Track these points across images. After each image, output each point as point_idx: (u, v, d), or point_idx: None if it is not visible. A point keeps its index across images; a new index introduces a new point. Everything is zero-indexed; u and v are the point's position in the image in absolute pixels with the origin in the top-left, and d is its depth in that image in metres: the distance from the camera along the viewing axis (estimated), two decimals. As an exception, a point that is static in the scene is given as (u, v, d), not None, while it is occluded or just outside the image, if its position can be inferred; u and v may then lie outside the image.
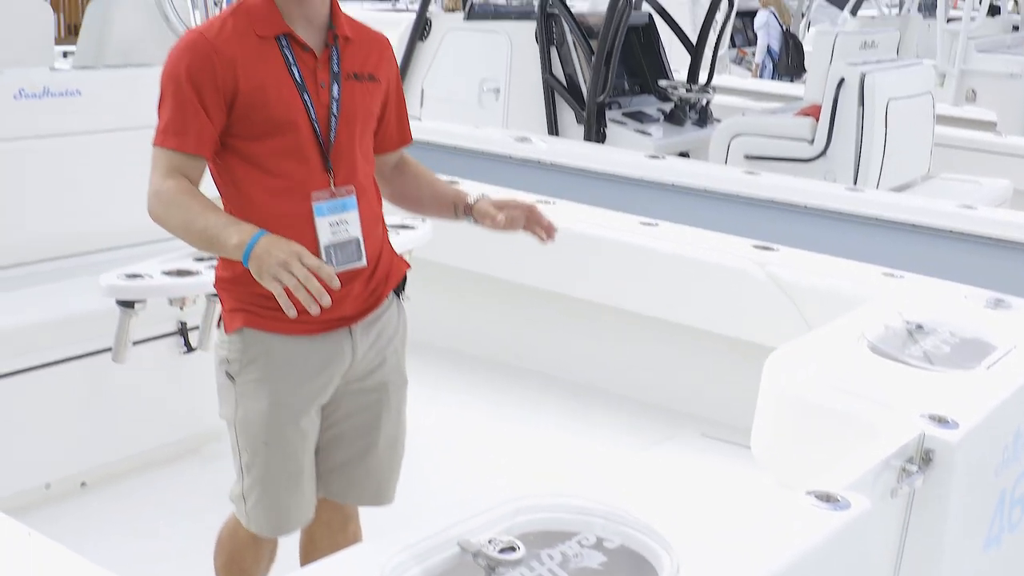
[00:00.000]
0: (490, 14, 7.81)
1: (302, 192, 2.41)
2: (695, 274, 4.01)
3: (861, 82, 6.50)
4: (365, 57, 2.54)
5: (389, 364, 2.62)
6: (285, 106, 2.39)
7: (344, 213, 2.45)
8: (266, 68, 2.39)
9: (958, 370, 2.76)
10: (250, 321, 2.45)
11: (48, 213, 3.89)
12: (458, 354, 4.63)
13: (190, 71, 2.34)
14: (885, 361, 2.78)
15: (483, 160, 5.87)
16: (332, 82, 2.46)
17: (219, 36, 2.38)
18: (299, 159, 2.41)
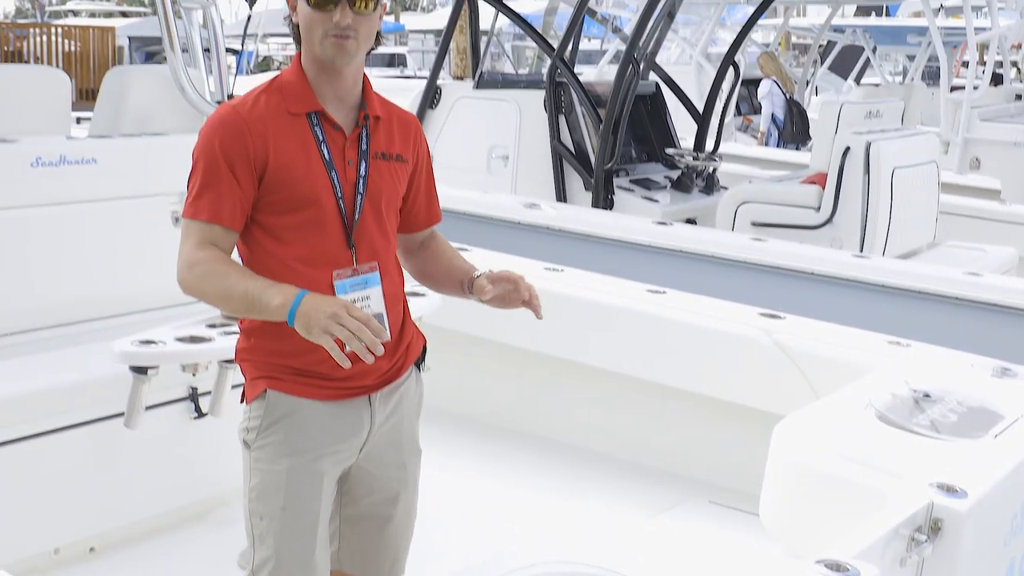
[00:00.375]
0: (500, 83, 7.91)
1: (324, 267, 2.44)
2: (703, 342, 4.03)
3: (867, 151, 6.55)
4: (394, 137, 2.57)
5: (407, 438, 2.65)
6: (312, 183, 2.42)
7: (366, 289, 2.48)
8: (296, 145, 2.43)
9: (966, 439, 2.77)
10: (273, 385, 2.46)
11: (63, 279, 3.92)
12: (465, 419, 4.64)
13: (224, 145, 2.39)
14: (893, 430, 2.79)
15: (492, 226, 5.92)
16: (360, 160, 2.49)
17: (252, 112, 2.42)
18: (323, 235, 2.44)
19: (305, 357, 2.42)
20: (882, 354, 3.62)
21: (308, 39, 2.45)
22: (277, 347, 2.45)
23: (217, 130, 2.41)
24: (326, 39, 2.41)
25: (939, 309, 4.90)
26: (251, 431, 2.48)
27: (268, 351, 2.45)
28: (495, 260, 4.66)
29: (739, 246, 5.54)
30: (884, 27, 17.31)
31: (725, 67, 7.96)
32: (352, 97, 2.51)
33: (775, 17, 17.32)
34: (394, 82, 19.52)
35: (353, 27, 2.41)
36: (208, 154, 2.40)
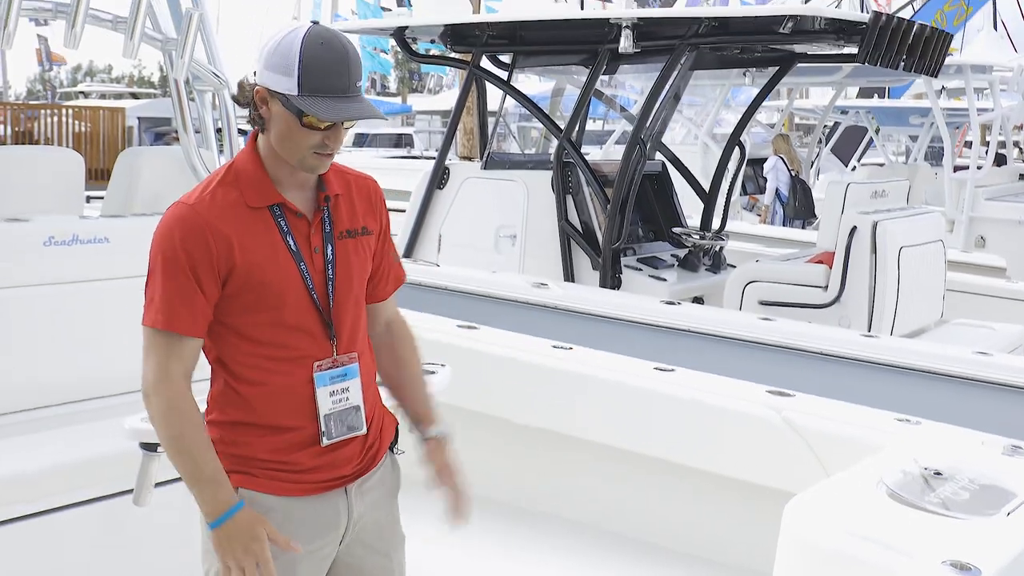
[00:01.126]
0: (507, 163, 7.97)
1: (303, 362, 2.38)
2: (712, 419, 4.02)
3: (873, 230, 6.60)
4: (356, 210, 2.51)
5: (388, 526, 2.61)
6: (283, 280, 2.35)
7: (345, 381, 2.43)
8: (262, 242, 2.34)
9: (978, 517, 2.75)
10: (245, 482, 2.39)
11: (74, 356, 3.94)
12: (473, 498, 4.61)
13: (185, 248, 2.27)
14: (905, 508, 2.77)
15: (500, 305, 5.94)
16: (326, 244, 2.42)
17: (211, 210, 2.31)
18: (300, 330, 2.38)
19: (281, 453, 2.38)
20: (892, 432, 3.61)
21: (285, 148, 2.35)
22: (250, 440, 2.39)
23: (176, 231, 2.29)
24: (309, 154, 2.34)
25: (949, 388, 4.88)
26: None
27: (240, 443, 2.39)
28: (503, 339, 4.68)
29: (747, 325, 5.54)
30: (887, 108, 17.49)
31: (731, 146, 8.03)
32: (311, 180, 2.44)
33: (779, 99, 17.52)
34: (401, 162, 19.73)
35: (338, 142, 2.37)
36: (168, 258, 2.28)
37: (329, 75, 2.29)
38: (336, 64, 2.30)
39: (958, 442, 3.41)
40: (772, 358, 5.20)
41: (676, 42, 6.85)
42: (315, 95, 2.28)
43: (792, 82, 13.69)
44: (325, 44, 2.30)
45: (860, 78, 13.70)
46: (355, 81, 2.33)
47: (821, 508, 2.78)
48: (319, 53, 2.29)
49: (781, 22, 6.38)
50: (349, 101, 2.31)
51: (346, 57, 2.32)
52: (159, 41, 4.43)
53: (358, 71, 2.35)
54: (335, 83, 2.30)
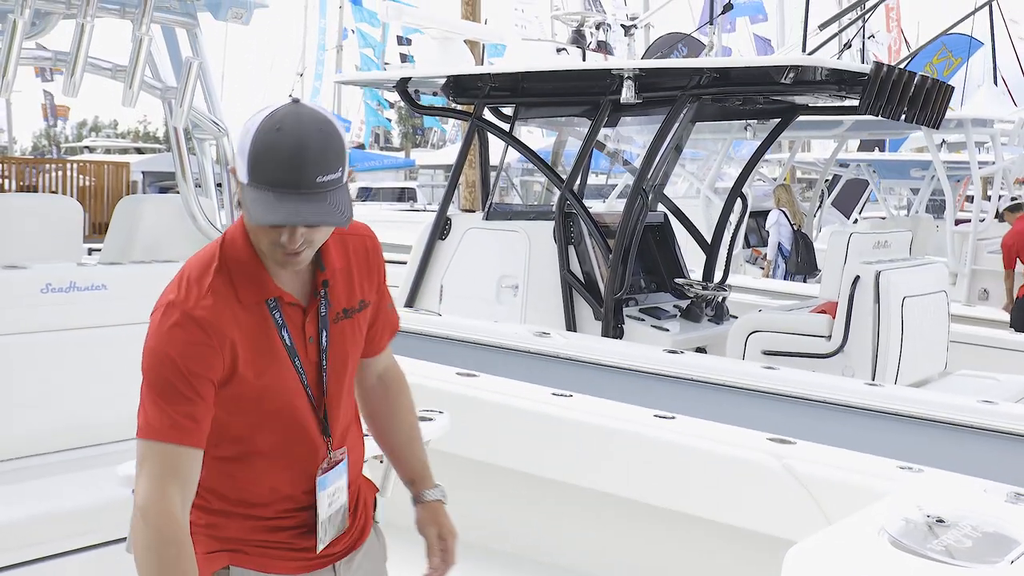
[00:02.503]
0: (509, 214, 7.98)
1: (299, 463, 2.28)
2: (712, 466, 3.98)
3: (876, 280, 6.59)
4: (354, 282, 2.35)
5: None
6: (279, 381, 2.21)
7: (339, 480, 2.34)
8: (259, 342, 2.18)
9: (982, 565, 2.71)
10: (236, 560, 2.28)
11: (70, 403, 3.93)
12: (471, 546, 4.57)
13: (184, 360, 2.09)
14: (907, 556, 2.73)
15: (502, 354, 5.91)
16: (320, 331, 2.26)
17: (208, 312, 2.12)
18: (293, 429, 2.26)
19: (274, 534, 2.31)
20: (894, 479, 3.58)
21: (255, 241, 2.17)
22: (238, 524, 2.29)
23: (173, 342, 2.10)
24: (272, 251, 2.14)
25: (953, 437, 4.84)
26: None
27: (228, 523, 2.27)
28: (503, 386, 4.65)
29: (750, 374, 5.51)
30: (888, 161, 17.57)
31: (733, 198, 8.04)
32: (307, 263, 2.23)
33: (781, 151, 17.60)
34: (406, 215, 19.80)
35: (308, 239, 2.13)
36: (164, 371, 2.10)
37: (279, 167, 2.02)
38: (290, 154, 2.02)
39: (961, 490, 3.37)
40: (775, 406, 5.16)
41: (678, 93, 6.88)
42: (261, 188, 2.04)
43: (794, 135, 13.76)
44: (283, 130, 2.04)
45: (861, 131, 13.77)
46: (316, 175, 2.03)
47: (822, 555, 2.74)
48: (272, 140, 2.03)
49: (783, 72, 6.41)
50: (300, 200, 2.03)
51: (302, 147, 2.02)
52: (158, 89, 4.45)
53: (322, 163, 2.04)
54: (286, 177, 2.02)
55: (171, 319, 2.12)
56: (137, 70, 4.17)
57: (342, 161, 2.08)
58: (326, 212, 2.04)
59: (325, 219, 2.05)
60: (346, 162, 2.10)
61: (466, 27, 9.96)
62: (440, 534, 2.63)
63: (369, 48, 32.53)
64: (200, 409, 2.12)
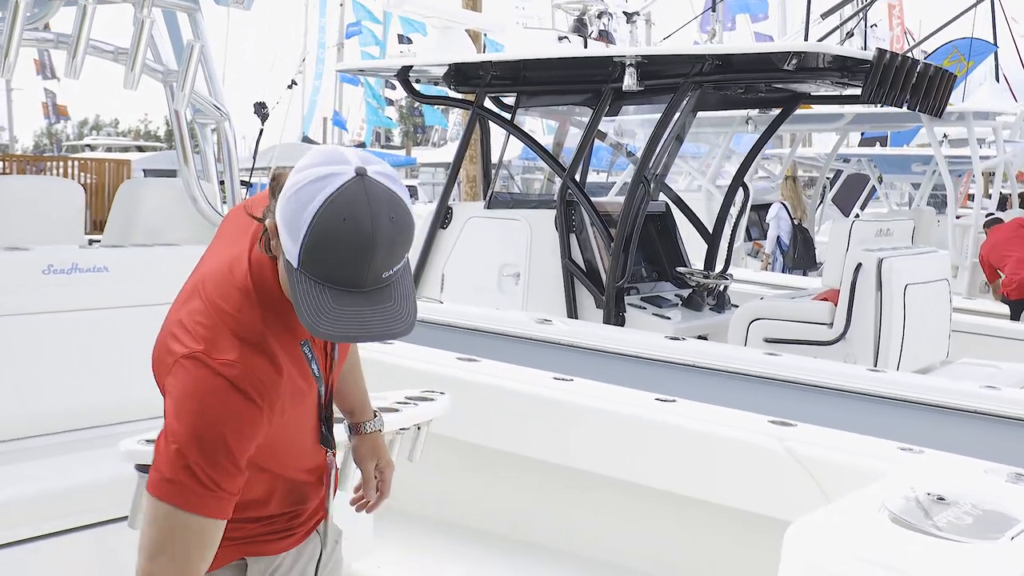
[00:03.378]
0: (510, 202, 8.00)
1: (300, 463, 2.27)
2: (712, 449, 3.98)
3: (879, 267, 6.59)
4: None
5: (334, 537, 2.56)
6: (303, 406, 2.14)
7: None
8: (294, 386, 2.06)
9: (982, 541, 2.71)
10: (251, 551, 2.27)
11: (71, 385, 3.93)
12: (471, 529, 4.58)
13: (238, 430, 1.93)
14: (907, 532, 2.73)
15: (504, 341, 5.91)
16: (333, 346, 2.22)
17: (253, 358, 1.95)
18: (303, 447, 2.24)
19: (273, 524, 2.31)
20: (895, 460, 3.57)
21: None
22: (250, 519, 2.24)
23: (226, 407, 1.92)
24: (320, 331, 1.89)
25: (955, 421, 4.84)
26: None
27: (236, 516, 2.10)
28: (503, 371, 4.65)
29: (752, 360, 5.51)
30: (889, 156, 17.54)
31: (735, 188, 8.04)
32: None
33: (783, 146, 17.58)
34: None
35: None
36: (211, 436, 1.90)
37: (343, 265, 1.78)
38: (358, 251, 1.77)
39: (961, 470, 3.37)
40: (776, 392, 5.17)
41: (680, 80, 6.88)
42: (315, 280, 1.80)
43: (795, 128, 13.75)
44: (350, 220, 1.76)
45: (864, 124, 13.75)
46: (383, 271, 1.80)
47: (822, 532, 2.74)
48: (337, 232, 1.76)
49: (785, 59, 6.40)
50: (362, 300, 1.81)
51: (373, 244, 1.76)
52: (160, 72, 4.44)
53: (392, 258, 1.80)
54: (349, 276, 1.79)
55: (218, 382, 1.92)
56: (139, 53, 4.16)
57: (409, 247, 1.86)
58: (390, 319, 1.81)
59: (390, 330, 1.82)
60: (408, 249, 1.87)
61: (467, 16, 9.95)
62: (378, 465, 2.60)
63: (374, 46, 32.52)
64: (241, 479, 1.97)
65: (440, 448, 4.16)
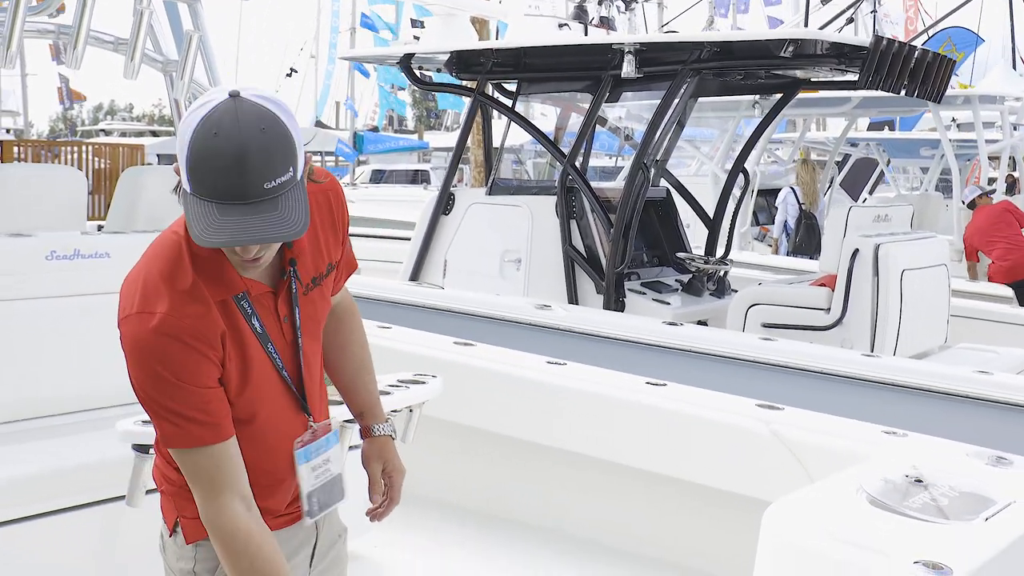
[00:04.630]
0: (512, 188, 8.05)
1: (281, 444, 2.25)
2: (700, 431, 4.04)
3: (875, 253, 6.63)
4: (321, 243, 2.26)
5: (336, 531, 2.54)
6: (249, 367, 2.14)
7: (326, 452, 2.30)
8: (233, 334, 2.11)
9: (956, 521, 2.77)
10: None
11: (72, 368, 4.01)
12: (465, 510, 4.66)
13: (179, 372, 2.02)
14: (883, 512, 2.79)
15: (503, 326, 5.98)
16: (293, 309, 2.20)
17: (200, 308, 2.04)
18: (271, 412, 2.21)
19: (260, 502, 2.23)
20: (878, 443, 3.63)
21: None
22: None
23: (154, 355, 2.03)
24: (232, 257, 2.05)
25: (947, 406, 4.88)
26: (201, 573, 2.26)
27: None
28: (497, 354, 4.72)
29: (748, 345, 5.56)
30: (897, 140, 17.52)
31: (735, 174, 8.09)
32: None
33: (795, 131, 17.56)
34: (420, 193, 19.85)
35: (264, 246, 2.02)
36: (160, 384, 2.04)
37: (217, 177, 1.88)
38: (230, 162, 1.86)
39: (943, 453, 3.43)
40: (770, 376, 5.22)
41: (679, 67, 6.92)
42: (204, 199, 1.90)
43: (801, 113, 13.74)
44: (220, 134, 1.87)
45: (871, 108, 13.75)
46: (262, 182, 1.88)
47: (800, 512, 2.80)
48: (210, 146, 1.88)
49: (782, 46, 6.44)
50: (246, 211, 1.88)
51: (243, 152, 1.86)
52: (159, 62, 4.52)
53: (268, 168, 1.89)
54: (223, 188, 1.88)
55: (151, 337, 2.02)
56: (138, 43, 4.25)
57: (292, 160, 1.93)
58: (276, 224, 1.89)
59: (273, 234, 1.90)
60: (297, 160, 1.95)
61: (470, 2, 9.99)
62: (386, 469, 2.56)
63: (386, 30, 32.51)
64: (211, 402, 2.06)
65: (435, 430, 4.23)
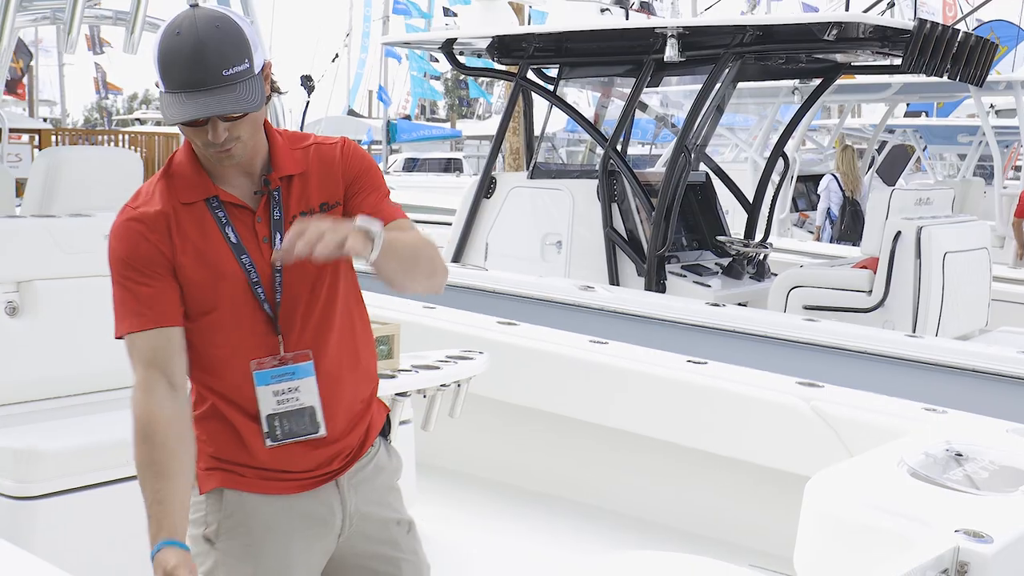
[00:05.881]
0: (553, 172, 8.11)
1: (245, 361, 2.30)
2: (741, 409, 4.10)
3: (918, 235, 6.65)
4: (312, 187, 2.33)
5: (391, 513, 2.51)
6: (220, 275, 2.25)
7: (295, 380, 2.30)
8: (199, 235, 2.25)
9: (995, 493, 2.82)
10: (228, 481, 2.34)
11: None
12: (507, 487, 4.74)
13: (128, 250, 2.23)
14: (924, 484, 2.85)
15: (547, 306, 6.06)
16: (273, 232, 2.28)
17: (148, 208, 2.25)
18: (243, 328, 2.29)
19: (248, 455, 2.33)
20: (919, 420, 3.68)
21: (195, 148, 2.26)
22: (218, 440, 2.34)
23: (120, 239, 2.26)
24: (208, 150, 2.21)
25: (985, 385, 4.91)
26: (210, 525, 2.33)
27: (220, 441, 2.34)
28: (541, 334, 4.81)
29: (790, 325, 5.59)
30: (934, 127, 17.40)
31: (774, 158, 8.11)
32: (257, 164, 2.30)
33: (831, 118, 17.49)
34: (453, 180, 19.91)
35: (233, 134, 2.18)
36: (116, 266, 2.26)
37: (181, 69, 2.12)
38: (188, 56, 2.11)
39: (982, 429, 3.48)
40: (810, 356, 5.26)
41: (721, 51, 6.96)
42: (173, 92, 2.14)
43: (842, 99, 13.70)
44: (181, 33, 2.14)
45: (911, 95, 13.68)
46: (220, 69, 2.12)
47: (842, 483, 2.87)
48: (173, 44, 2.14)
49: (825, 29, 6.46)
50: (207, 95, 2.11)
51: (201, 45, 2.11)
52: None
53: (224, 56, 2.12)
54: (187, 77, 2.12)
55: (118, 221, 2.28)
56: (138, 18, 4.35)
57: (246, 53, 2.15)
58: (231, 101, 2.11)
59: (228, 108, 2.12)
60: (252, 53, 2.16)
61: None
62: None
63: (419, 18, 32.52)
64: (155, 292, 2.22)
65: (481, 409, 4.32)
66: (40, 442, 3.50)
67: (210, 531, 2.32)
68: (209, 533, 2.32)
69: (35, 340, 3.95)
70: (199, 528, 2.32)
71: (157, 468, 2.17)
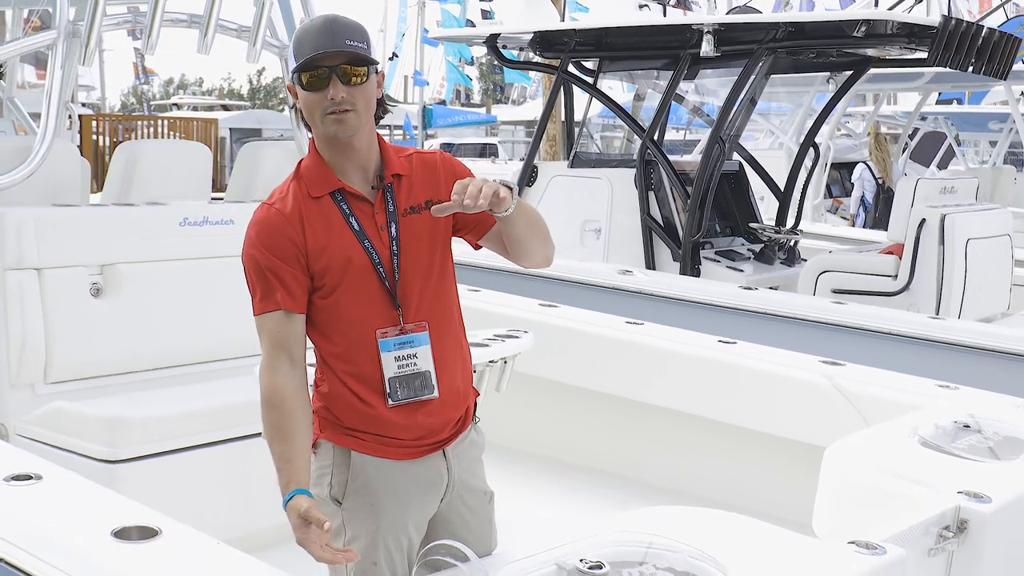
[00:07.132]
0: (592, 162, 8.37)
1: (372, 332, 2.58)
2: (766, 385, 4.35)
3: (941, 222, 6.90)
4: (416, 187, 2.64)
5: (479, 483, 2.81)
6: (348, 258, 2.54)
7: (414, 348, 2.59)
8: (325, 226, 2.55)
9: (998, 461, 3.07)
10: (353, 446, 2.63)
11: (202, 322, 4.47)
12: (550, 460, 5.00)
13: (266, 241, 2.53)
14: (933, 452, 3.09)
15: (586, 289, 6.30)
16: (389, 222, 2.59)
17: (284, 203, 2.57)
18: (368, 303, 2.57)
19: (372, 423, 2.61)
20: (933, 396, 3.91)
21: (311, 120, 2.56)
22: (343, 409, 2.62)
23: (259, 230, 2.56)
24: (326, 117, 2.51)
25: (1005, 364, 5.03)
26: (336, 486, 2.63)
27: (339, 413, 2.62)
28: (579, 315, 5.07)
29: (816, 307, 5.81)
30: (966, 114, 17.42)
31: (806, 147, 8.34)
32: (371, 164, 2.61)
33: (866, 105, 17.54)
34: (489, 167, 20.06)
35: (349, 100, 2.49)
36: (253, 254, 2.55)
37: (313, 37, 2.49)
38: (320, 29, 2.50)
39: (992, 404, 3.72)
40: (838, 337, 5.45)
41: (755, 46, 7.20)
42: (304, 57, 2.50)
43: (875, 88, 13.80)
44: (314, 19, 2.57)
45: (944, 83, 13.78)
46: (345, 38, 2.49)
47: (857, 451, 3.13)
48: (306, 27, 2.56)
49: (855, 26, 6.70)
50: (327, 57, 2.48)
51: (331, 22, 2.52)
52: (277, 48, 4.98)
53: (350, 31, 2.51)
54: (318, 41, 2.48)
55: (257, 215, 2.60)
56: (260, 31, 4.70)
57: (368, 40, 2.53)
58: (350, 49, 2.47)
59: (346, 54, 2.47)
60: (371, 46, 2.52)
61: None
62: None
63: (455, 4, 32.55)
64: (287, 278, 2.52)
65: (525, 386, 4.59)
66: (126, 411, 3.85)
67: (336, 492, 2.63)
68: (335, 494, 2.63)
69: (117, 319, 4.29)
70: (325, 489, 2.63)
71: (283, 432, 2.50)
